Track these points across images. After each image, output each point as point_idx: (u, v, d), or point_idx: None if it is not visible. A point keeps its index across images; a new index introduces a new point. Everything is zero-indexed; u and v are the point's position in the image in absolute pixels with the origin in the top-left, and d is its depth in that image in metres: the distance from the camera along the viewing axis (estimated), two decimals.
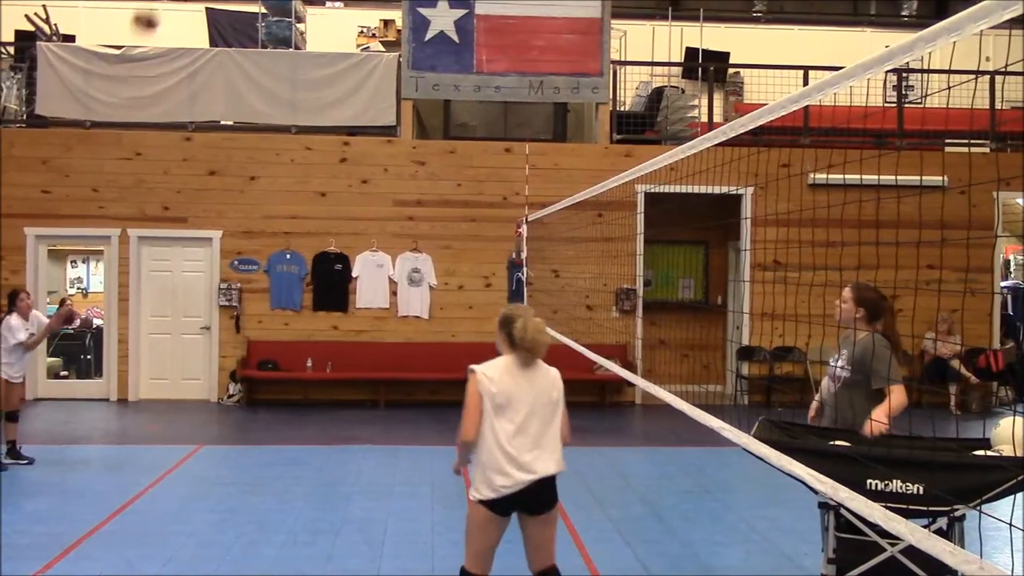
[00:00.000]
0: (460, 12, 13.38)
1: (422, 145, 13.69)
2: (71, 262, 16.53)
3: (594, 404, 13.16)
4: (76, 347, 14.32)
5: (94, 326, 14.77)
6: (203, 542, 6.66)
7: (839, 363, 5.12)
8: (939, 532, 4.18)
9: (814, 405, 5.44)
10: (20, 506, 7.53)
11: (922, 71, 14.76)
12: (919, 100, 14.83)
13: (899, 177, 11.00)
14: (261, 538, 6.73)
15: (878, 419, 4.63)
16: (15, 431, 9.19)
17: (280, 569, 6.06)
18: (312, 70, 13.40)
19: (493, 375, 4.51)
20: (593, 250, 13.14)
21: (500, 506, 4.43)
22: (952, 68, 13.10)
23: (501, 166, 13.34)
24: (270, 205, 13.15)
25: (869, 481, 4.14)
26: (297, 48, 14.29)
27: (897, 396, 4.78)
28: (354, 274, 13.21)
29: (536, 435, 4.49)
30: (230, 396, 12.95)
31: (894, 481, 4.14)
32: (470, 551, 4.54)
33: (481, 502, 4.43)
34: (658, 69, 15.51)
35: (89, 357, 14.14)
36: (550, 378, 4.65)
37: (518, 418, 4.47)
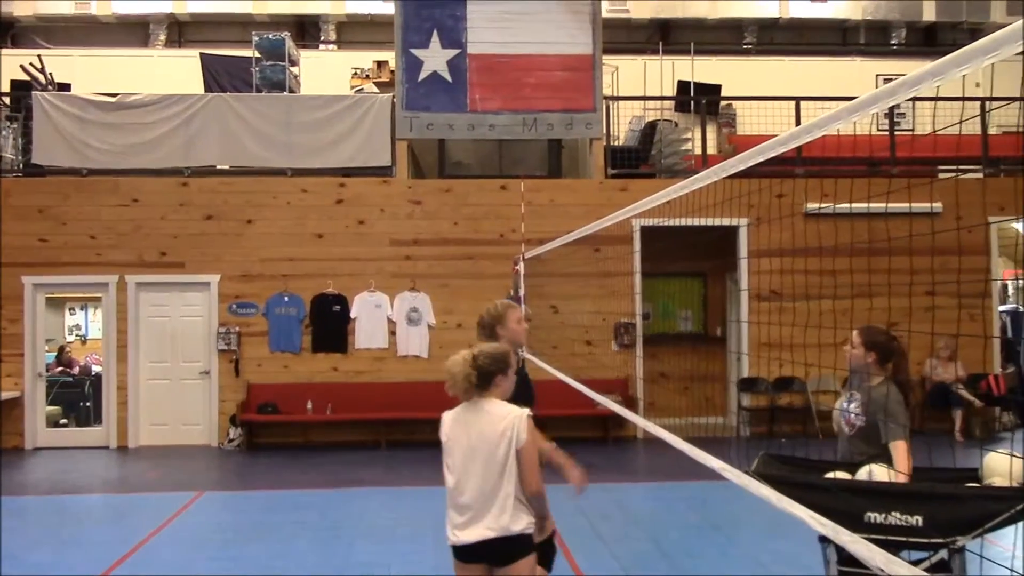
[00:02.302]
0: (453, 52, 13.48)
1: (418, 184, 13.75)
2: (69, 309, 16.57)
3: (597, 439, 13.11)
4: (75, 395, 14.30)
5: (93, 373, 14.77)
6: None
7: (852, 407, 5.08)
8: (940, 564, 4.15)
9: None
10: (22, 559, 7.48)
11: (913, 99, 14.84)
12: (911, 129, 14.93)
13: (894, 205, 11.07)
14: None
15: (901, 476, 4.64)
16: None
17: None
18: (307, 113, 13.48)
19: (447, 421, 4.29)
20: (591, 285, 13.16)
21: (458, 554, 4.20)
22: (941, 96, 13.20)
23: (497, 203, 13.38)
24: (267, 248, 13.18)
25: (868, 514, 4.12)
26: (291, 91, 14.39)
27: (902, 455, 4.71)
28: (352, 315, 13.20)
29: (478, 492, 4.10)
30: (230, 440, 12.90)
31: (893, 513, 4.12)
32: None
33: (451, 547, 4.25)
34: (651, 103, 15.64)
35: (88, 404, 14.11)
36: (501, 424, 4.12)
37: (460, 469, 4.18)
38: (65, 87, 14.67)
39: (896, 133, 14.26)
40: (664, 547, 7.64)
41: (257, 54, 14.49)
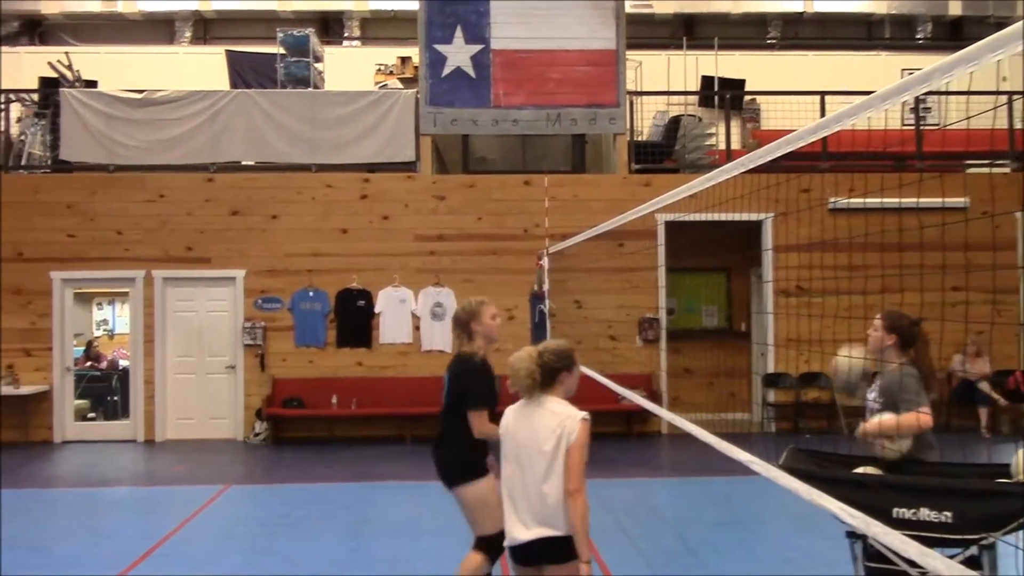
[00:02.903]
0: (476, 48, 13.49)
1: (442, 180, 13.77)
2: (97, 304, 16.71)
3: (620, 435, 13.09)
4: (103, 389, 14.43)
5: (120, 367, 14.90)
6: None
7: (872, 395, 5.06)
8: (970, 560, 4.13)
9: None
10: (51, 551, 7.56)
11: (940, 93, 14.73)
12: (937, 123, 14.80)
13: (920, 200, 10.97)
14: None
15: (872, 426, 4.72)
16: None
17: None
18: (331, 109, 13.54)
19: (506, 416, 4.26)
20: (615, 280, 13.15)
21: (514, 555, 4.17)
22: (971, 90, 13.09)
23: (521, 199, 13.39)
24: (292, 243, 13.24)
25: (896, 510, 4.10)
26: (316, 87, 14.44)
27: (911, 416, 4.70)
28: (377, 310, 13.25)
29: (531, 490, 4.07)
30: (256, 435, 12.98)
31: (922, 509, 4.09)
32: None
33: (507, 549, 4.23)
34: (675, 98, 15.57)
35: (116, 398, 14.24)
36: (552, 422, 4.08)
37: (514, 466, 4.16)
38: (92, 84, 14.79)
39: (923, 128, 14.15)
40: (689, 543, 7.63)
41: (282, 50, 14.56)
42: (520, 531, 4.08)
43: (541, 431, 4.08)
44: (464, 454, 5.24)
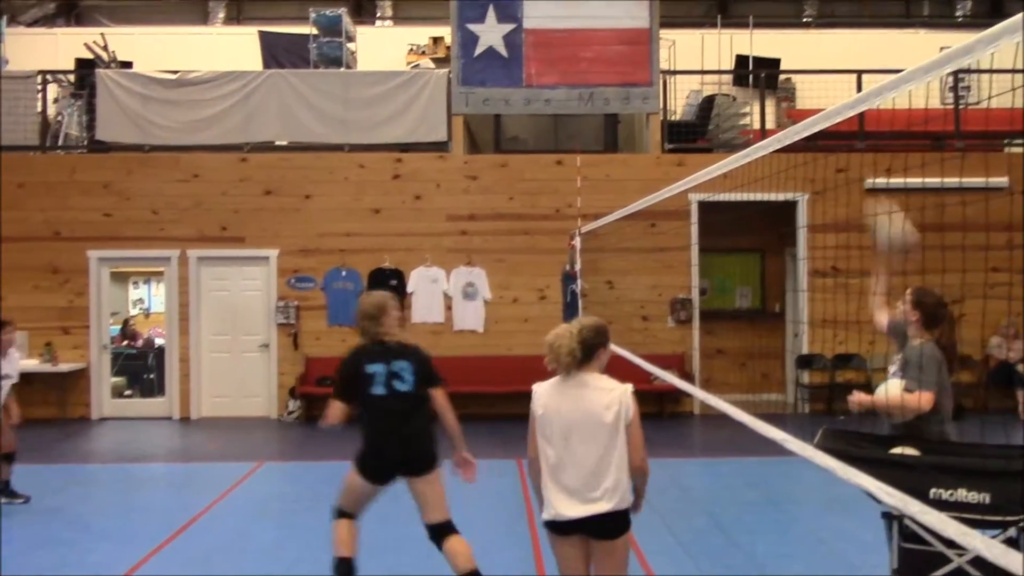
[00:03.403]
0: (508, 27, 13.43)
1: (474, 160, 13.76)
2: (133, 283, 16.91)
3: (652, 415, 13.07)
4: (139, 367, 14.62)
5: (156, 346, 15.07)
6: (268, 559, 6.74)
7: (894, 368, 5.08)
8: (1008, 542, 4.08)
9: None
10: (89, 525, 7.68)
11: (978, 71, 14.50)
12: (976, 101, 14.56)
13: (957, 179, 10.82)
14: (324, 555, 6.75)
15: (879, 400, 4.73)
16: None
17: None
18: (363, 88, 13.55)
19: (543, 394, 4.22)
20: (647, 260, 13.09)
21: (557, 528, 4.17)
22: (1012, 68, 12.84)
23: (553, 179, 13.35)
24: (325, 223, 13.29)
25: (933, 490, 4.06)
26: (348, 67, 14.47)
27: (914, 397, 4.69)
28: (409, 289, 13.29)
29: (586, 467, 4.08)
30: (290, 413, 13.09)
31: (959, 490, 4.05)
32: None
33: (545, 523, 4.23)
34: (708, 77, 15.44)
35: (152, 376, 14.41)
36: (606, 397, 4.12)
37: (561, 444, 4.12)
38: (127, 65, 14.91)
39: (961, 108, 13.93)
40: (722, 523, 7.61)
41: (314, 30, 14.58)
42: (572, 508, 4.08)
43: (595, 407, 4.12)
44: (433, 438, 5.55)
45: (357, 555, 5.57)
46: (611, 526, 4.11)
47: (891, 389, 4.79)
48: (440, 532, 5.41)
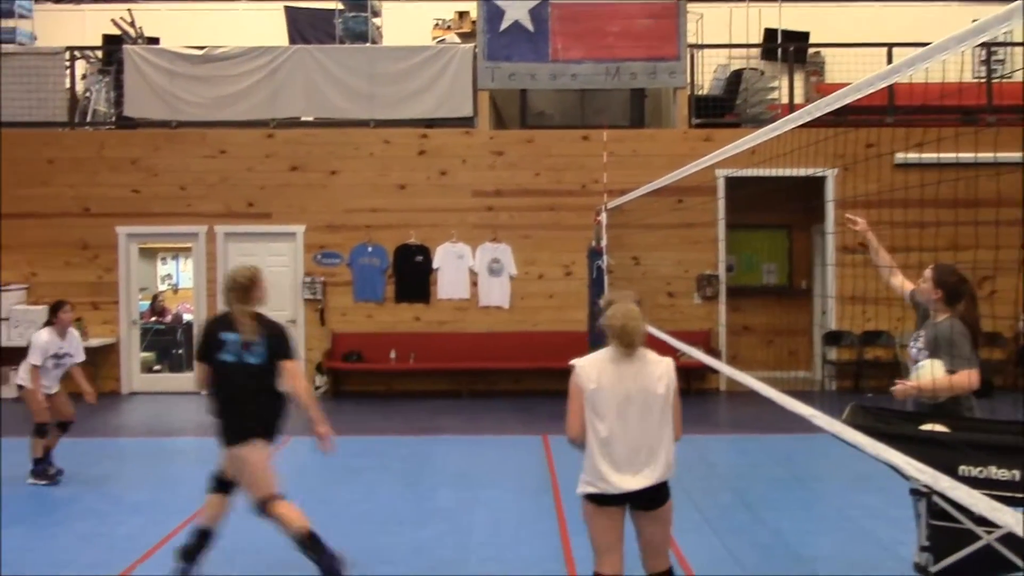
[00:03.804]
0: (534, 1, 13.34)
1: (499, 135, 13.72)
2: (161, 259, 17.02)
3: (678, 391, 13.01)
4: (168, 342, 14.74)
5: (184, 321, 15.19)
6: None
7: (918, 344, 5.05)
8: None
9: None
10: (121, 498, 7.78)
11: (1012, 44, 14.27)
12: (1009, 74, 14.32)
13: (988, 154, 10.68)
14: (352, 528, 6.83)
15: (926, 385, 4.70)
16: (41, 447, 8.21)
17: (371, 560, 6.13)
18: (389, 64, 13.52)
19: (592, 369, 4.22)
20: (673, 236, 13.02)
21: (602, 500, 4.21)
22: None
23: (579, 154, 13.29)
24: (351, 199, 13.32)
25: (962, 467, 4.03)
26: (374, 43, 14.43)
27: (963, 376, 4.70)
28: (435, 265, 13.30)
29: (638, 439, 4.16)
30: (316, 388, 13.16)
31: (989, 467, 4.01)
32: (593, 549, 4.31)
33: (586, 496, 4.25)
34: (736, 51, 15.26)
35: (180, 351, 14.53)
36: (657, 370, 4.23)
37: (614, 418, 4.16)
38: (154, 41, 14.93)
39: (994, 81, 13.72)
40: (748, 500, 7.59)
41: (340, 5, 14.54)
42: (624, 480, 4.15)
43: (650, 381, 4.21)
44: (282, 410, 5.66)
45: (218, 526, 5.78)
46: (658, 495, 4.23)
47: (935, 372, 4.74)
48: (262, 505, 5.56)
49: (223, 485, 5.79)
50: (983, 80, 13.71)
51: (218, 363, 5.54)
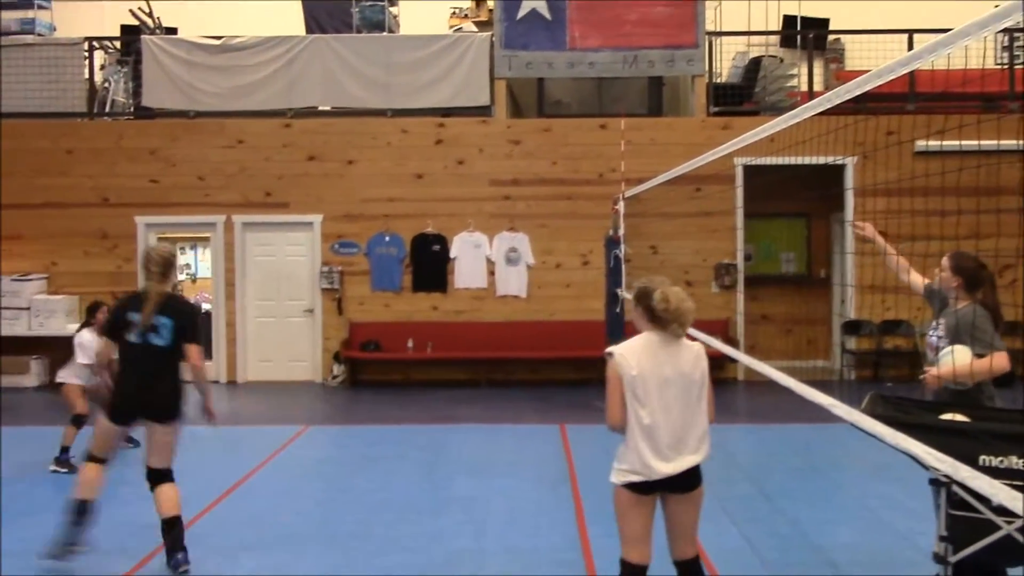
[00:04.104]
0: None
1: (517, 124, 13.69)
2: (180, 248, 17.09)
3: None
4: None
5: (203, 311, 15.24)
6: (313, 521, 6.82)
7: (938, 332, 5.01)
8: None
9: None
10: (141, 484, 7.79)
11: None
12: None
13: (1011, 141, 10.58)
14: (370, 517, 6.85)
15: (946, 372, 4.66)
16: (73, 436, 8.36)
17: (389, 547, 6.15)
18: (406, 53, 13.51)
19: (631, 356, 4.21)
20: (691, 225, 12.98)
21: (641, 488, 4.22)
22: None
23: (596, 143, 13.24)
24: (368, 188, 13.33)
25: (982, 457, 3.99)
26: (391, 32, 14.41)
27: (1001, 357, 4.66)
28: (452, 255, 13.30)
29: (678, 423, 4.19)
30: (334, 377, 13.21)
31: (1010, 457, 3.97)
32: (623, 537, 4.32)
33: (625, 485, 4.24)
34: (755, 39, 15.16)
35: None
36: (693, 354, 4.29)
37: (656, 403, 4.17)
38: (172, 31, 14.97)
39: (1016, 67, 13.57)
40: (766, 489, 7.57)
41: None
42: (665, 466, 4.17)
43: (687, 365, 4.25)
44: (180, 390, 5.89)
45: (98, 499, 5.90)
46: (693, 478, 4.27)
47: (963, 357, 4.70)
48: (154, 477, 5.86)
49: (96, 458, 5.94)
50: (1005, 66, 13.56)
51: (124, 342, 5.67)
